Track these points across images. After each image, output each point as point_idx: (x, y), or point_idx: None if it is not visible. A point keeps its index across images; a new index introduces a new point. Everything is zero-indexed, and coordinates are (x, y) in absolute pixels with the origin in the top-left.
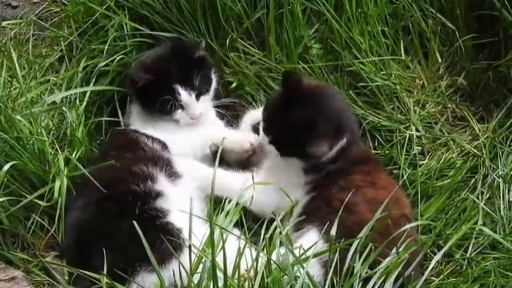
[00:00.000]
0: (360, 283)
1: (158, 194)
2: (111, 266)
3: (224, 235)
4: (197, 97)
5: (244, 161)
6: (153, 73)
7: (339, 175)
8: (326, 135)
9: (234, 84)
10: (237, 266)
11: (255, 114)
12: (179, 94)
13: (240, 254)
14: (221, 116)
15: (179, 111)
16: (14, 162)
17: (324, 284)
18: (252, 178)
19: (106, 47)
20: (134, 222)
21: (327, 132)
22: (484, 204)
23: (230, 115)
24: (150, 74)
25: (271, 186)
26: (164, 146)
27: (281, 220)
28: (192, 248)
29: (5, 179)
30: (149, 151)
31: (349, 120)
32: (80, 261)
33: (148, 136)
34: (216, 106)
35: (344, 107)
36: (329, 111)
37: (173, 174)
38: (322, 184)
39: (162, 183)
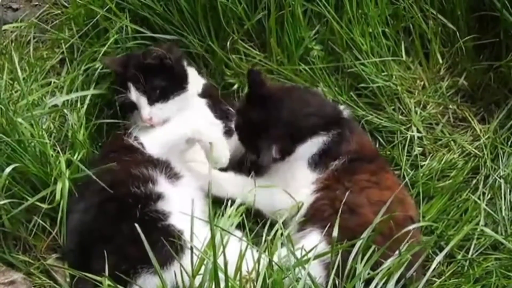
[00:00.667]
0: (362, 285)
1: (159, 197)
2: (112, 269)
3: (226, 237)
4: (150, 101)
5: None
6: (118, 71)
7: (345, 174)
8: (277, 139)
9: (235, 86)
10: (238, 268)
11: None
12: (131, 96)
13: (241, 256)
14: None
15: (135, 111)
16: (16, 164)
17: (326, 286)
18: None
19: (107, 49)
20: (136, 225)
21: (278, 136)
22: (486, 205)
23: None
24: (116, 76)
25: (282, 185)
26: None
27: (285, 221)
28: (194, 250)
29: (7, 182)
30: (147, 153)
31: (314, 119)
32: (82, 263)
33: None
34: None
35: (307, 107)
36: (282, 114)
37: (173, 176)
38: (327, 185)
39: (162, 185)
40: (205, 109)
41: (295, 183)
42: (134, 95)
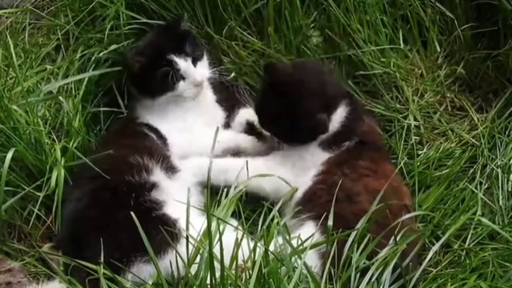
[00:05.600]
0: (358, 274)
1: (153, 186)
2: (105, 257)
3: (222, 226)
4: (194, 63)
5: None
6: (146, 53)
7: (350, 157)
8: (318, 108)
9: (232, 74)
10: (234, 257)
11: (246, 113)
12: (176, 63)
13: (237, 244)
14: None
15: (181, 82)
16: (15, 148)
17: (322, 275)
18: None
19: (104, 36)
20: (132, 213)
21: (317, 106)
22: (483, 194)
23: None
24: (144, 55)
25: (288, 165)
26: (165, 142)
27: (282, 205)
28: (189, 239)
29: (1, 169)
30: (150, 142)
31: (336, 90)
32: (75, 252)
33: (152, 128)
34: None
35: (326, 79)
36: (311, 87)
37: (170, 169)
38: (328, 169)
39: (157, 175)
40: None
41: (304, 163)
42: (181, 63)
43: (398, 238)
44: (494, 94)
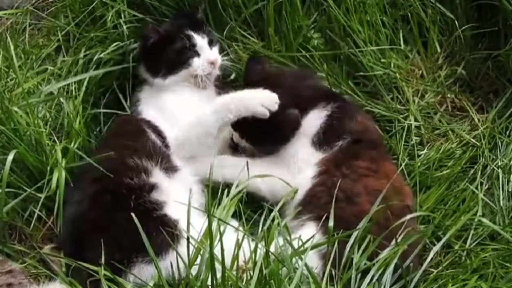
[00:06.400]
0: (359, 275)
1: (153, 187)
2: (106, 258)
3: (222, 227)
4: (209, 44)
5: None
6: (164, 27)
7: (347, 158)
8: (287, 104)
9: (233, 75)
10: (235, 258)
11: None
12: (193, 38)
13: (238, 245)
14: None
15: (195, 59)
16: (16, 150)
17: (323, 276)
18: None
19: (104, 35)
20: (132, 214)
21: (286, 102)
22: (484, 195)
23: None
24: (162, 29)
25: (283, 165)
26: (164, 140)
27: (282, 206)
28: (190, 240)
29: (2, 171)
30: (150, 142)
31: (312, 91)
32: (76, 253)
33: (152, 126)
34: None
35: (301, 82)
36: (283, 85)
37: (169, 168)
38: (326, 170)
39: (157, 176)
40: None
41: (297, 163)
42: (199, 40)
43: (399, 239)
44: (494, 94)
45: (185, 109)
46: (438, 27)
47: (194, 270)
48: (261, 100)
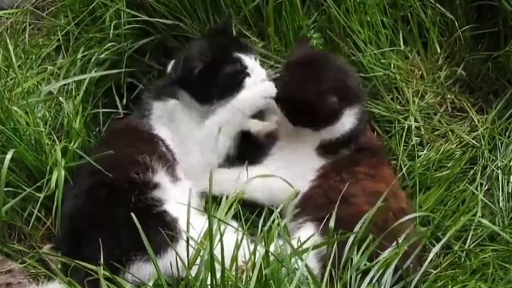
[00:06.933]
0: (359, 276)
1: (155, 185)
2: (105, 254)
3: (222, 227)
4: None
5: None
6: (210, 53)
7: (348, 164)
8: (332, 92)
9: None
10: (234, 258)
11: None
12: (243, 60)
13: (237, 246)
14: None
15: (247, 79)
16: (15, 149)
17: (322, 278)
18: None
19: (104, 35)
20: (132, 213)
21: (333, 89)
22: (483, 196)
23: None
24: (207, 56)
25: (282, 172)
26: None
27: (282, 209)
28: (189, 240)
29: (1, 170)
30: (160, 149)
31: (356, 89)
32: (75, 250)
33: (164, 142)
34: None
35: (353, 79)
36: (336, 74)
37: (173, 176)
38: (323, 174)
39: (161, 177)
40: None
41: (298, 168)
42: (248, 61)
43: (400, 240)
44: (494, 95)
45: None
46: (438, 28)
47: (194, 271)
48: (260, 94)
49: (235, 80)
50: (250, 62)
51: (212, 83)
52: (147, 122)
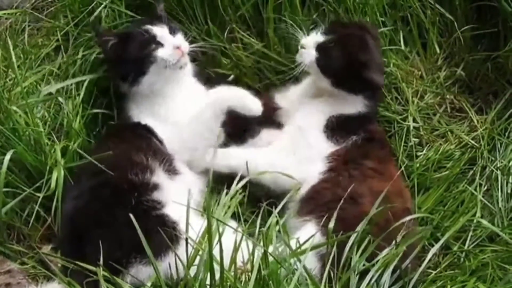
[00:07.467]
0: (358, 276)
1: (155, 187)
2: (107, 254)
3: (221, 228)
4: (171, 32)
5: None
6: (117, 32)
7: (356, 156)
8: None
9: (231, 76)
10: (233, 259)
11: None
12: (151, 29)
13: (236, 246)
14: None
15: (160, 49)
16: (14, 150)
17: (321, 277)
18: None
19: None
20: (130, 215)
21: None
22: (482, 196)
23: None
24: (116, 32)
25: (290, 157)
26: (161, 142)
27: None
28: (189, 241)
29: (1, 170)
30: (153, 143)
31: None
32: (76, 250)
33: (149, 129)
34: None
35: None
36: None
37: (171, 170)
38: (334, 167)
39: (160, 176)
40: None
41: (305, 150)
42: (157, 30)
43: (398, 240)
44: (494, 95)
45: (180, 111)
46: (438, 28)
47: (192, 271)
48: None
49: (146, 51)
50: (159, 31)
51: (126, 57)
52: (127, 111)
